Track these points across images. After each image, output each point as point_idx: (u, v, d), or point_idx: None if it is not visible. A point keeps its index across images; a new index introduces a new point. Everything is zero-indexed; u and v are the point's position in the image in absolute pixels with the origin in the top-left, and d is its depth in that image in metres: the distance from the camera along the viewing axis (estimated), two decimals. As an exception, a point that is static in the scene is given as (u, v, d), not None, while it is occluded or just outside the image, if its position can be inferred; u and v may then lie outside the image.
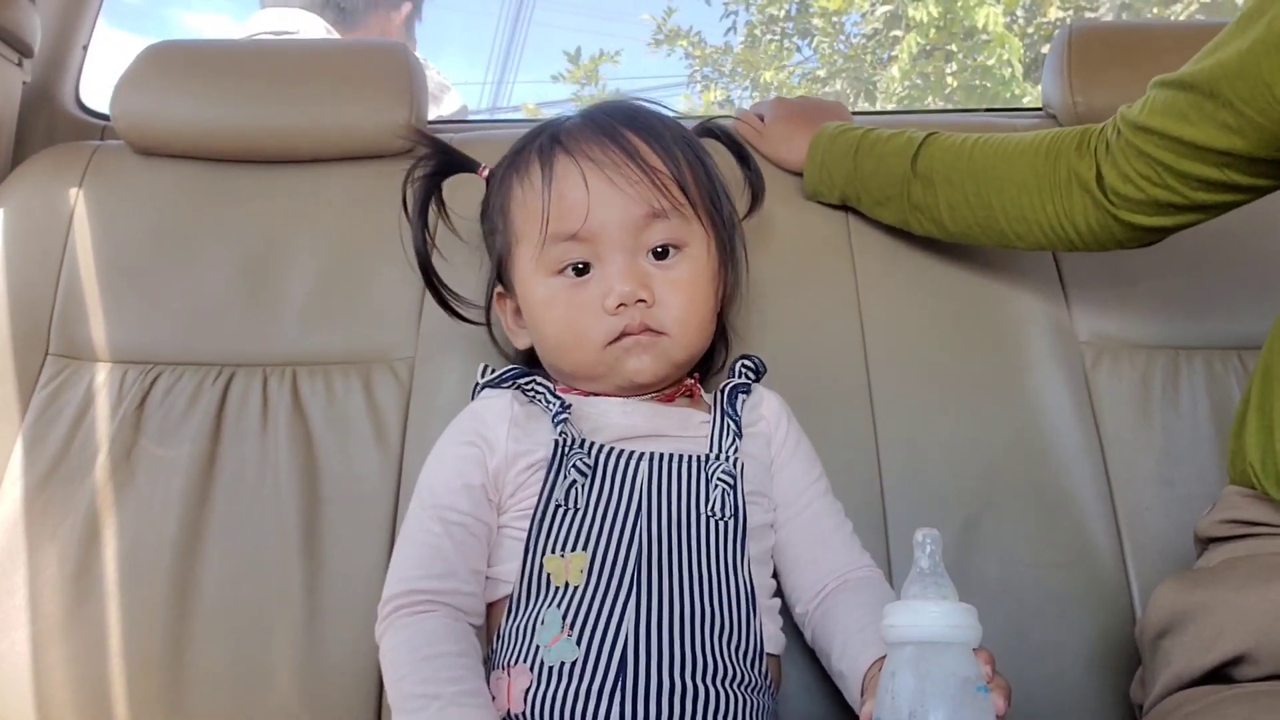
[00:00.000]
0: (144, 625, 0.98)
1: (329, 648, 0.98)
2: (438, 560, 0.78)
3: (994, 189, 0.95)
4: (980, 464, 1.01)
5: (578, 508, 0.78)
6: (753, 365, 0.92)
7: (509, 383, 0.86)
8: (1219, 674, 0.72)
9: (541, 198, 0.82)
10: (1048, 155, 0.92)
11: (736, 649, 0.76)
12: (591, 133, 0.84)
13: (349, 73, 1.17)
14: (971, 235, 0.99)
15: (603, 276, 0.82)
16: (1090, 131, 0.91)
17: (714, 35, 6.75)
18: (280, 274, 1.12)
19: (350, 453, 1.04)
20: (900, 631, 0.59)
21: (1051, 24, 5.83)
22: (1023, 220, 0.94)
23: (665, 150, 0.84)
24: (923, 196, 1.00)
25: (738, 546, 0.80)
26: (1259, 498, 0.77)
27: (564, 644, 0.74)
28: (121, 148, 1.20)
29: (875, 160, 1.04)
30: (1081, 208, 0.90)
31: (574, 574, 0.76)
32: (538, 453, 0.81)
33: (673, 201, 0.83)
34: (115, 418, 1.05)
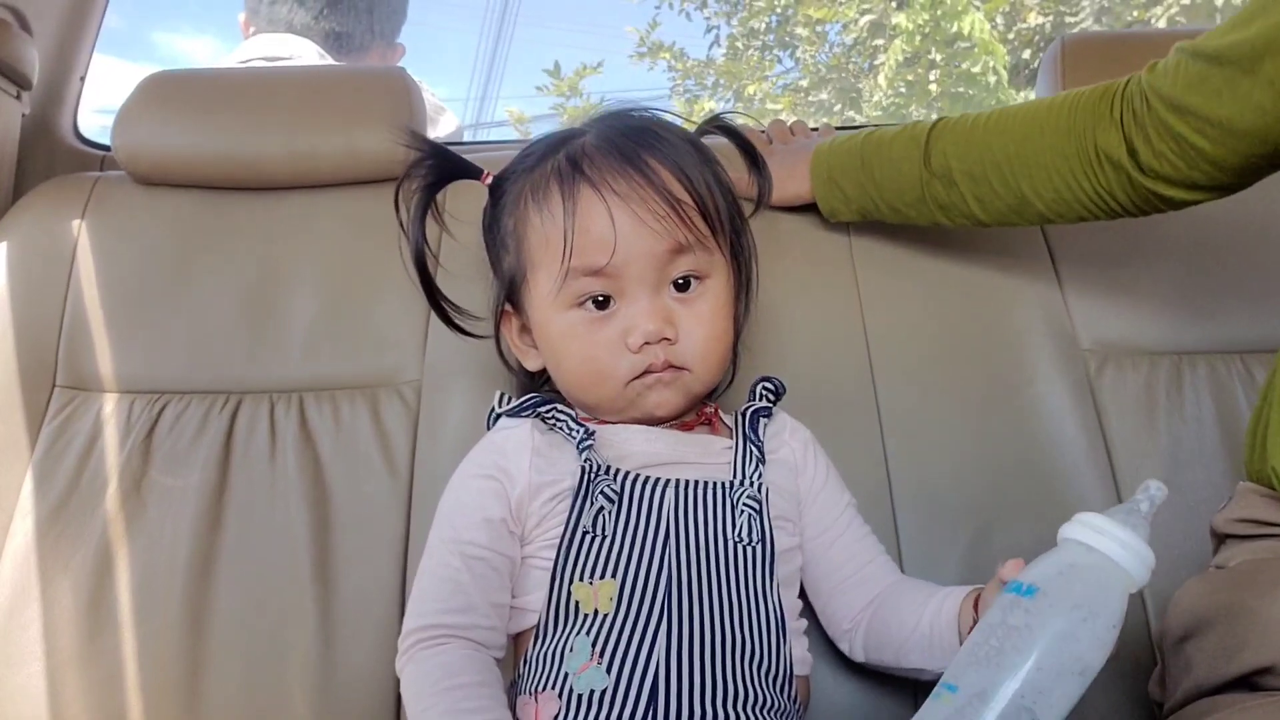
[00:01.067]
0: (159, 654, 0.98)
1: (343, 672, 0.98)
2: (458, 595, 0.77)
3: (1023, 176, 0.92)
4: (989, 475, 1.02)
5: (606, 534, 0.78)
6: (773, 387, 0.90)
7: (529, 411, 0.84)
8: (1243, 681, 0.71)
9: (563, 230, 0.79)
10: (1069, 134, 0.89)
11: (767, 674, 0.76)
12: (614, 160, 0.81)
13: (350, 99, 1.18)
14: (1011, 222, 0.97)
15: (626, 314, 0.80)
16: (1108, 95, 0.88)
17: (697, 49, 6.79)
18: (284, 300, 1.12)
19: (359, 477, 1.04)
20: (1103, 544, 0.61)
21: (1031, 29, 5.88)
22: (1061, 202, 0.92)
23: (688, 178, 0.82)
24: (947, 195, 0.98)
25: (766, 572, 0.79)
26: (1275, 498, 0.76)
27: (594, 672, 0.73)
28: (123, 178, 1.20)
29: (885, 165, 1.01)
30: (1120, 184, 0.88)
31: (604, 601, 0.75)
32: (563, 482, 0.79)
33: (697, 234, 0.81)
34: (124, 448, 1.05)
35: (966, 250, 1.12)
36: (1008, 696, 0.58)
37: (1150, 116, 0.83)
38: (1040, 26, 5.86)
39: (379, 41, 1.80)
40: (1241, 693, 0.71)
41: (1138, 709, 0.93)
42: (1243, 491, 0.81)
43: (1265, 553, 0.76)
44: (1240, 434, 1.01)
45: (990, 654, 0.60)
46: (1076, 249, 1.12)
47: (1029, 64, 5.85)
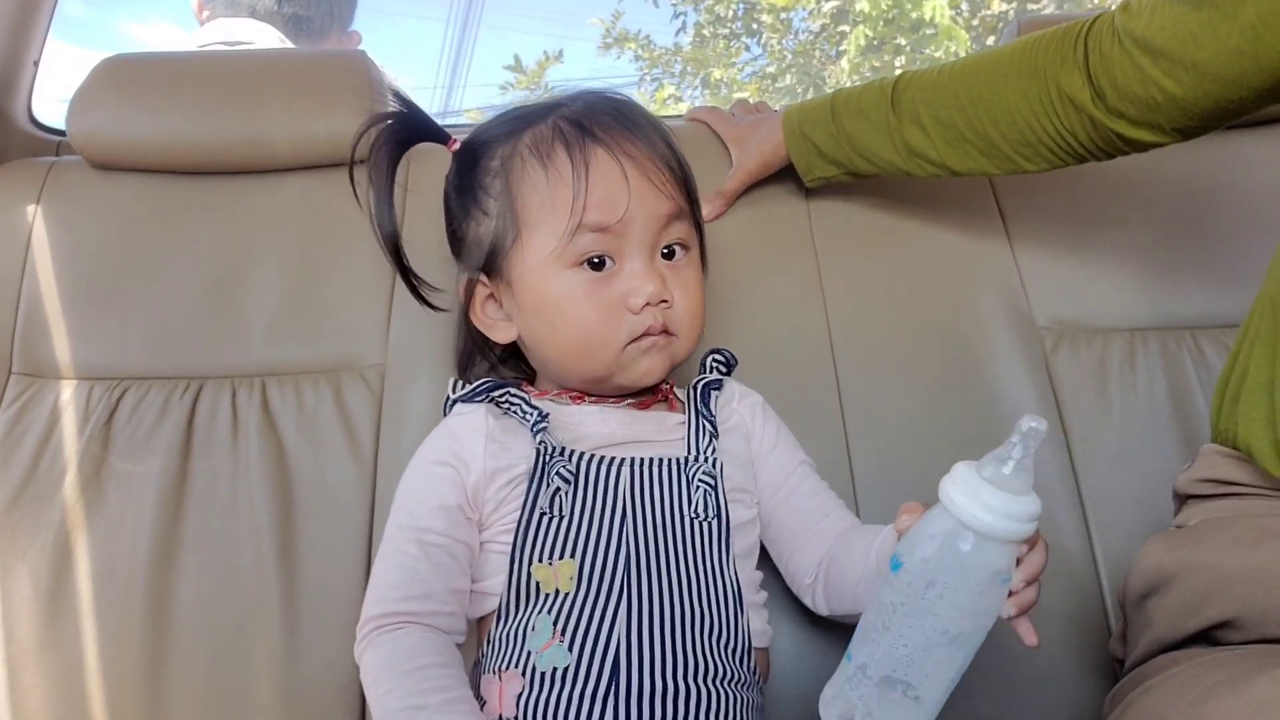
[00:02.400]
0: (121, 643, 0.97)
1: (309, 660, 0.97)
2: (416, 582, 0.77)
3: (988, 119, 0.93)
4: (946, 450, 1.00)
5: (563, 515, 0.78)
6: (724, 359, 0.92)
7: (482, 396, 0.84)
8: (1202, 635, 0.73)
9: (573, 186, 0.79)
10: (1032, 75, 0.90)
11: (726, 646, 0.77)
12: (619, 124, 0.83)
13: (309, 82, 1.17)
14: (981, 167, 0.98)
15: (626, 274, 0.81)
16: (1070, 36, 0.89)
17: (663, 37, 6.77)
18: (245, 284, 1.11)
19: (323, 462, 1.04)
20: (958, 509, 0.58)
21: (995, 16, 5.91)
22: (1026, 144, 0.93)
23: (674, 151, 0.85)
24: (918, 140, 0.98)
25: (722, 546, 0.80)
26: (1239, 458, 0.78)
27: (556, 650, 0.74)
28: (79, 163, 1.18)
29: (855, 116, 1.02)
30: (1081, 124, 0.89)
31: (564, 581, 0.76)
32: (518, 467, 0.80)
33: (690, 203, 0.85)
34: (83, 435, 1.04)
35: (925, 232, 1.13)
36: (881, 670, 0.62)
37: (1122, 57, 0.84)
38: (1004, 14, 5.89)
39: (336, 26, 1.78)
40: (1201, 647, 0.73)
41: (1095, 671, 0.95)
42: (1206, 453, 0.82)
43: (1226, 511, 0.78)
44: (1190, 406, 1.04)
45: (868, 629, 0.63)
46: (1033, 230, 1.14)
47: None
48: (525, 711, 0.73)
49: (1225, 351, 1.06)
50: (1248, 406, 0.76)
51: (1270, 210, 1.11)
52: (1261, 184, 1.14)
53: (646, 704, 0.72)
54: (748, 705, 0.77)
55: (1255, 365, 0.77)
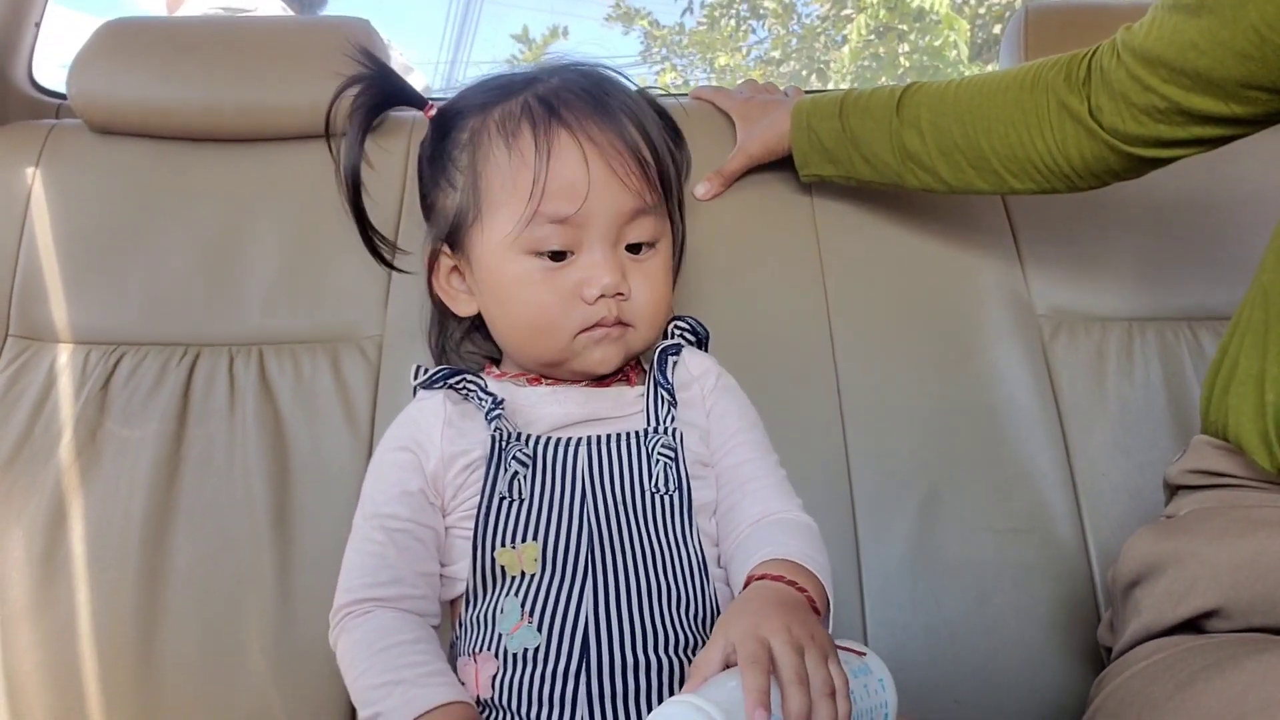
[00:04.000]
0: (113, 607, 0.97)
1: (301, 628, 0.98)
2: (384, 569, 0.77)
3: (982, 130, 0.94)
4: (942, 436, 1.04)
5: (523, 498, 0.78)
6: (688, 326, 0.90)
7: (440, 383, 0.84)
8: (1189, 624, 0.73)
9: (534, 171, 0.77)
10: (1033, 88, 0.90)
11: (695, 617, 0.77)
12: (589, 107, 0.80)
13: (311, 50, 1.16)
14: (969, 182, 0.97)
15: (584, 264, 0.79)
16: (1077, 58, 0.89)
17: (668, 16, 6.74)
18: (244, 253, 1.11)
19: (319, 432, 1.04)
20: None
21: (1001, 5, 5.89)
22: (1014, 159, 0.93)
23: (653, 140, 0.82)
24: (915, 144, 0.98)
25: (684, 517, 0.80)
26: (1229, 450, 0.78)
27: (525, 631, 0.74)
28: (79, 126, 1.18)
29: (861, 115, 1.02)
30: (1075, 140, 0.88)
31: (528, 563, 0.76)
32: (474, 452, 0.80)
33: (658, 197, 0.82)
34: (79, 399, 1.04)
35: (928, 218, 1.13)
36: None
37: (1121, 72, 0.83)
38: (1010, 2, 5.88)
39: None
40: (1187, 635, 0.73)
41: (1084, 659, 0.95)
42: (1196, 444, 0.83)
43: (1215, 501, 0.78)
44: (1186, 397, 1.04)
45: None
46: (1035, 220, 1.14)
47: (998, 39, 5.87)
48: (501, 692, 0.74)
49: (1221, 343, 1.06)
50: (1237, 398, 0.77)
51: (1269, 204, 1.11)
52: (1261, 177, 1.14)
53: (619, 678, 0.73)
54: None
55: (1245, 357, 0.77)
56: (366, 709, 0.72)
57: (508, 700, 0.73)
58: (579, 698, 0.72)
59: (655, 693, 0.73)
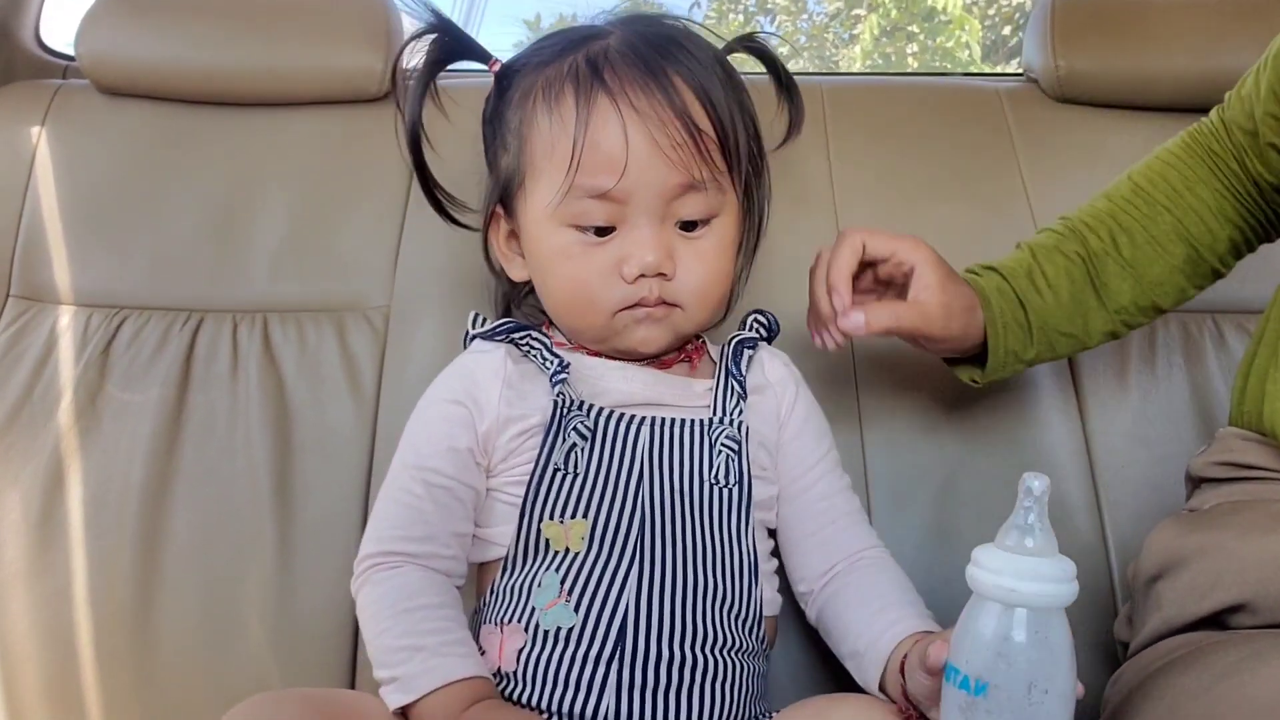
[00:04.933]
0: (110, 573, 0.96)
1: (301, 598, 0.96)
2: (418, 523, 0.75)
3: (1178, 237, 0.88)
4: (960, 423, 1.02)
5: (578, 472, 0.75)
6: (765, 321, 0.87)
7: (503, 335, 0.80)
8: (1212, 620, 0.72)
9: (573, 141, 0.73)
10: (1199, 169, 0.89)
11: (737, 617, 0.75)
12: (637, 71, 0.74)
13: (325, 14, 1.14)
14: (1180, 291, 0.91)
15: (625, 241, 0.75)
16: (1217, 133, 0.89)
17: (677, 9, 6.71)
18: (250, 218, 1.09)
19: (323, 401, 1.02)
20: (1024, 596, 0.54)
21: (1012, 6, 5.88)
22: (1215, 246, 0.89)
23: (713, 104, 0.75)
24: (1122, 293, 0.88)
25: (742, 514, 0.77)
26: (1259, 441, 0.76)
27: (561, 609, 0.72)
28: (86, 87, 1.16)
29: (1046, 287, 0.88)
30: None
31: (574, 540, 0.73)
32: (533, 418, 0.76)
33: (713, 170, 0.75)
34: (80, 361, 1.02)
35: (950, 206, 1.10)
36: None
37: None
38: (1021, 4, 5.87)
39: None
40: (1211, 630, 0.72)
41: (1099, 653, 0.94)
42: (1224, 436, 0.81)
43: (1241, 494, 0.77)
44: (1208, 390, 1.03)
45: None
46: (1058, 209, 1.11)
47: (1008, 41, 5.85)
48: (525, 667, 0.72)
49: (1245, 336, 1.05)
50: (1274, 386, 0.75)
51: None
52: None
53: (651, 670, 0.70)
54: (752, 673, 0.76)
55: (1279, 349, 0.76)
56: (384, 670, 0.70)
57: (531, 677, 0.71)
58: (608, 685, 0.70)
59: (686, 689, 0.71)
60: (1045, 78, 1.17)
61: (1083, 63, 1.14)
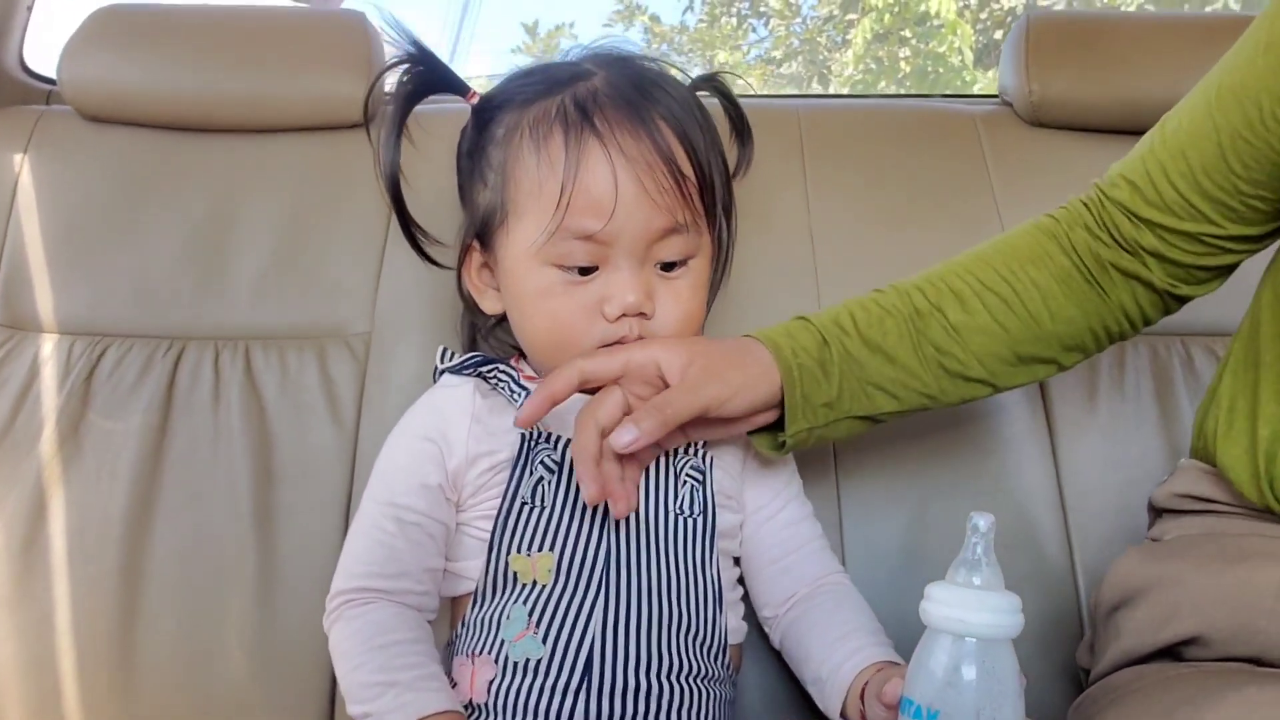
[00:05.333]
0: (93, 601, 0.96)
1: (283, 626, 0.97)
2: (391, 560, 0.76)
3: (1028, 321, 0.82)
4: (931, 447, 1.03)
5: (544, 506, 0.77)
6: None
7: (470, 370, 0.82)
8: (1169, 650, 0.73)
9: (562, 183, 0.74)
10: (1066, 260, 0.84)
11: (702, 645, 0.76)
12: (625, 115, 0.75)
13: (306, 41, 1.15)
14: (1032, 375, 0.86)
15: (608, 281, 0.76)
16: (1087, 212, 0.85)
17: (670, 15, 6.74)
18: (233, 246, 1.10)
19: (305, 429, 1.03)
20: (971, 627, 0.57)
21: (1004, 11, 5.89)
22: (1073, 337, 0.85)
23: (695, 150, 0.77)
24: (955, 360, 0.82)
25: (706, 543, 0.79)
26: (1218, 475, 0.77)
27: (529, 641, 0.73)
28: (69, 113, 1.16)
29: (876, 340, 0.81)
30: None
31: (541, 573, 0.75)
32: (501, 453, 0.78)
33: (694, 213, 0.77)
34: (62, 390, 1.02)
35: (921, 229, 1.11)
36: None
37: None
38: (1013, 9, 5.88)
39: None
40: (1167, 662, 0.73)
41: (1065, 677, 0.95)
42: (1185, 468, 0.82)
43: (1201, 528, 0.78)
44: (1176, 413, 1.04)
45: None
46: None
47: (999, 45, 5.87)
48: (496, 699, 0.73)
49: (1214, 360, 1.06)
50: (1228, 432, 0.76)
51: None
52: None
53: (619, 700, 0.72)
54: (719, 700, 0.77)
55: (1237, 392, 0.77)
56: (357, 705, 0.71)
57: (502, 708, 0.72)
58: (576, 715, 0.71)
59: (654, 718, 0.72)
60: (1020, 101, 1.18)
61: (1056, 87, 1.15)
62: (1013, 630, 0.58)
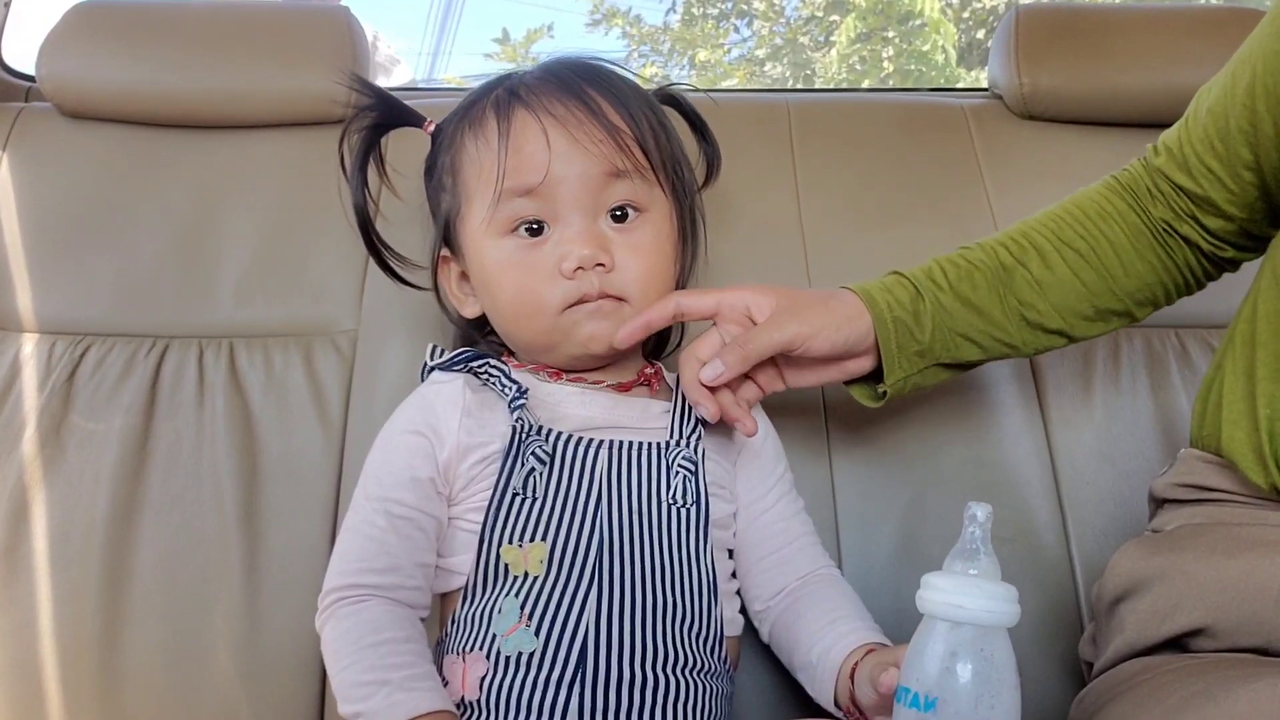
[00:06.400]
0: (76, 605, 0.95)
1: (269, 628, 0.96)
2: (382, 555, 0.75)
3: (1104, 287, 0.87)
4: (927, 442, 1.02)
5: (536, 496, 0.76)
6: None
7: (460, 365, 0.82)
8: (1173, 642, 0.72)
9: (497, 152, 0.78)
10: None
11: (697, 636, 0.76)
12: (552, 87, 0.80)
13: (289, 36, 1.14)
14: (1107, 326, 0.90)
15: (560, 238, 0.78)
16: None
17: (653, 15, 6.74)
18: (216, 243, 1.08)
19: (290, 428, 1.02)
20: (970, 613, 0.57)
21: (986, 10, 5.91)
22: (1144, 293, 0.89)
23: (628, 109, 0.80)
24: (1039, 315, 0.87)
25: (700, 533, 0.78)
26: (1220, 464, 0.77)
27: (522, 634, 0.72)
28: (48, 110, 1.15)
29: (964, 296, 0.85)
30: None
31: (533, 564, 0.74)
32: (492, 445, 0.77)
33: (634, 162, 0.79)
34: (44, 390, 1.01)
35: (916, 222, 1.11)
36: None
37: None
38: (994, 8, 5.90)
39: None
40: (1172, 654, 0.72)
41: (1065, 670, 0.94)
42: (1185, 458, 0.81)
43: (1203, 517, 0.77)
44: (1172, 406, 1.03)
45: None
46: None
47: (982, 44, 5.89)
48: (489, 695, 0.72)
49: (1209, 352, 1.05)
50: (1231, 415, 0.76)
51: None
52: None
53: (613, 692, 0.71)
54: (717, 694, 0.76)
55: (1238, 373, 0.76)
56: (349, 705, 0.69)
57: (495, 704, 0.71)
58: (570, 709, 0.70)
59: (650, 710, 0.71)
60: (1010, 94, 1.18)
61: (1047, 79, 1.15)
62: (1010, 618, 0.58)
